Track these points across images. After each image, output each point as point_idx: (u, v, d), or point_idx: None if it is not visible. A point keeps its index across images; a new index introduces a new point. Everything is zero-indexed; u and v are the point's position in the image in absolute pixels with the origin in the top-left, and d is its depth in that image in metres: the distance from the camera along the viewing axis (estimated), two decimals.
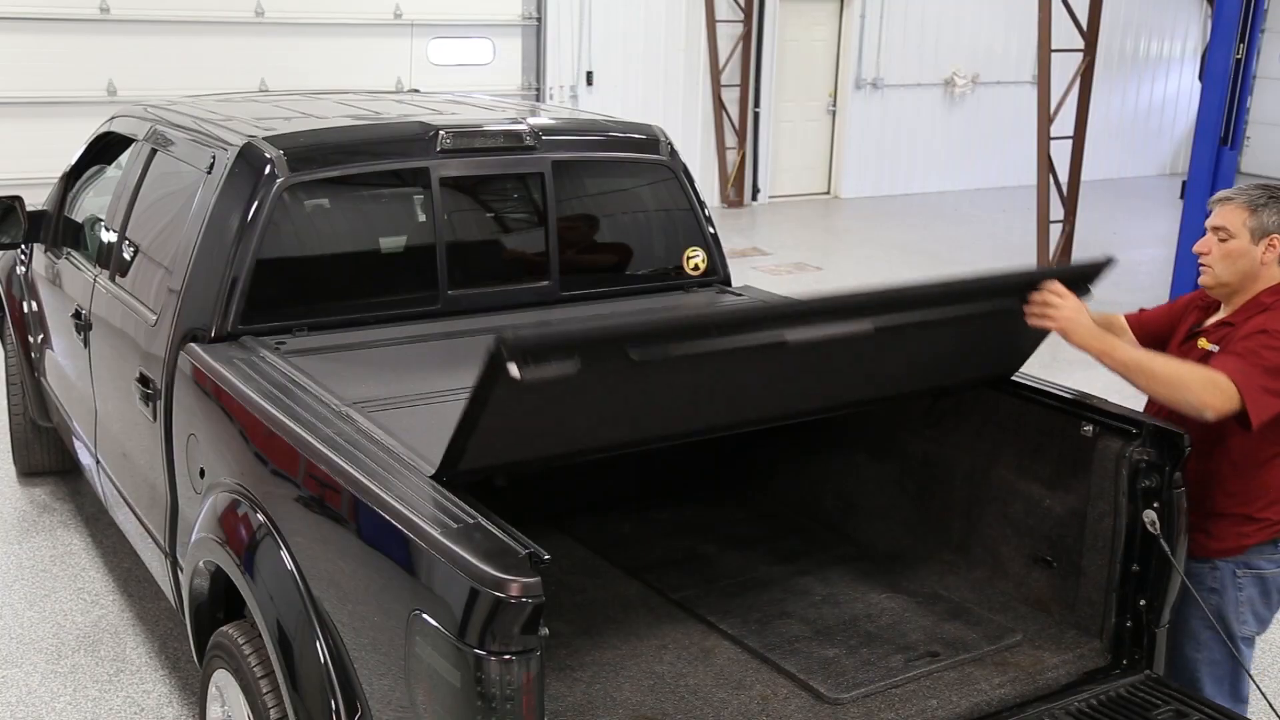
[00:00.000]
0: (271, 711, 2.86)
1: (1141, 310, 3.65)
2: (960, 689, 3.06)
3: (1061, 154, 10.39)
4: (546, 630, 2.23)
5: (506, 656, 2.19)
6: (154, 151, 4.27)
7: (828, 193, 15.07)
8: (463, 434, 2.46)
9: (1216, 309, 3.40)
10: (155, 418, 3.65)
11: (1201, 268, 3.33)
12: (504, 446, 2.66)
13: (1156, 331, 3.55)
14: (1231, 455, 3.25)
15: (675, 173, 4.41)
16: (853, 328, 2.88)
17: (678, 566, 3.78)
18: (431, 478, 2.62)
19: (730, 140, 13.93)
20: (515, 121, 4.17)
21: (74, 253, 4.73)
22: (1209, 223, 3.30)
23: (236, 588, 3.01)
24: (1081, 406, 3.31)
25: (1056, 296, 3.12)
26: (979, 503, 3.60)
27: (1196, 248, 3.35)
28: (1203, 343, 3.34)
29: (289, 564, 2.82)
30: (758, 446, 4.33)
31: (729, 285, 4.50)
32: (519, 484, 3.90)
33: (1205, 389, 3.03)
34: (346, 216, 3.92)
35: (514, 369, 2.29)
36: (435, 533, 2.34)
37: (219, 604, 3.29)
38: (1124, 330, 3.56)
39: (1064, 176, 10.38)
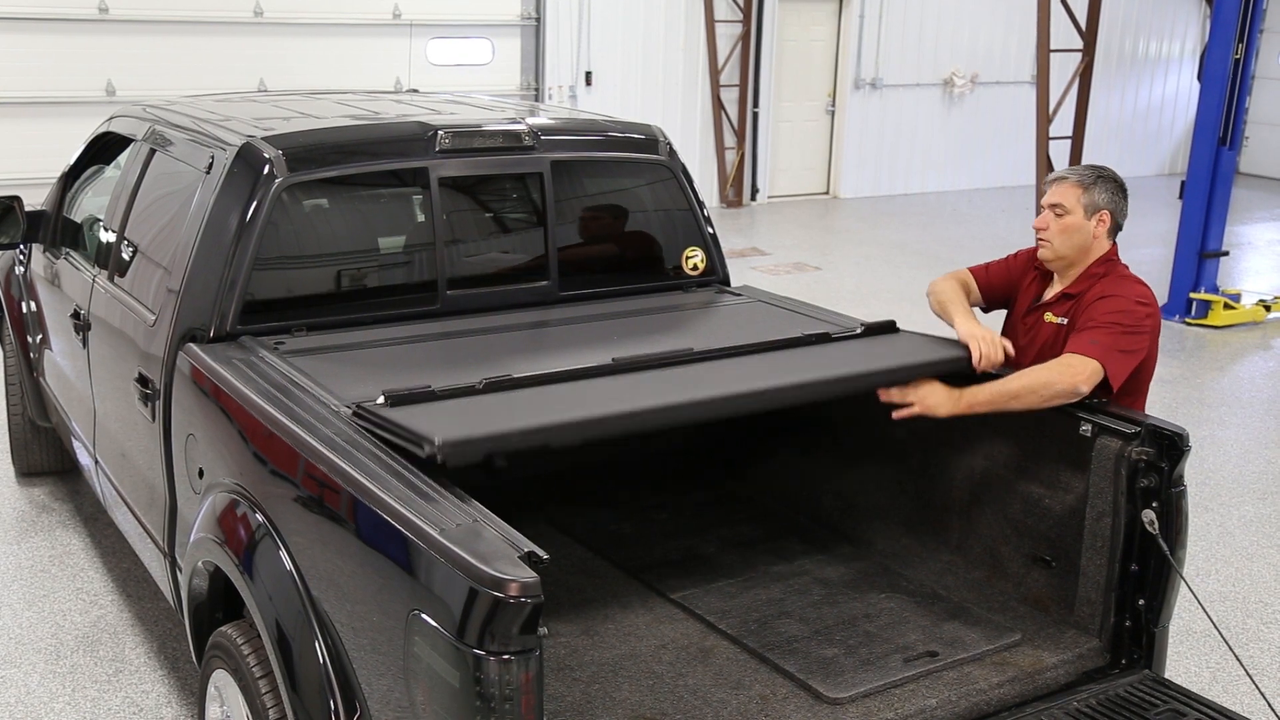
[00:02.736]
0: (270, 712, 2.85)
1: (987, 266, 3.91)
2: (960, 689, 3.05)
3: (1061, 154, 10.39)
4: (546, 630, 2.23)
5: (505, 656, 2.19)
6: (153, 151, 4.26)
7: (827, 193, 15.07)
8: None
9: (1051, 280, 3.71)
10: (154, 418, 3.64)
11: (1040, 242, 3.63)
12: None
13: (999, 287, 3.86)
14: None
15: (674, 172, 4.40)
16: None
17: (677, 566, 3.78)
18: (425, 456, 2.65)
19: (729, 140, 13.93)
20: (514, 121, 4.17)
21: (73, 253, 4.73)
22: (1045, 201, 3.63)
23: (235, 588, 3.00)
24: (1080, 406, 3.31)
25: (911, 393, 3.39)
26: (978, 503, 3.60)
27: (1036, 224, 3.65)
28: (1049, 316, 3.64)
29: (288, 564, 2.82)
30: (758, 447, 4.33)
31: (728, 285, 4.49)
32: (519, 483, 3.89)
33: (1065, 374, 3.27)
34: (345, 216, 3.91)
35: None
36: (434, 533, 2.34)
37: (218, 604, 3.28)
38: (971, 286, 3.84)
39: None
